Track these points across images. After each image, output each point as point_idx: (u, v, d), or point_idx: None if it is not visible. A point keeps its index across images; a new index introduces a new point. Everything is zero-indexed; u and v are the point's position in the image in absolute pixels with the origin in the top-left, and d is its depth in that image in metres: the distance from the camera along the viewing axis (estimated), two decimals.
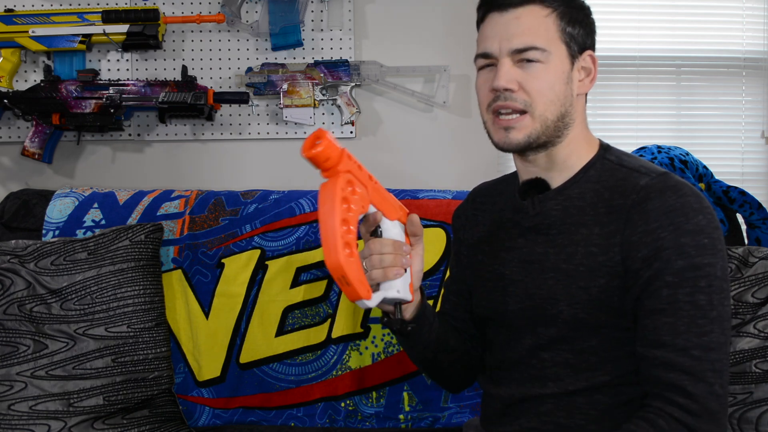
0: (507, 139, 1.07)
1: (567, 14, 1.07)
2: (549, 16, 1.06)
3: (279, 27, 1.93)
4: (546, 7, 1.06)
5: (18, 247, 1.59)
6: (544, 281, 1.08)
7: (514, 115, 1.06)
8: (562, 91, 1.06)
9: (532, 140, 1.07)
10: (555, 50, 1.05)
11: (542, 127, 1.06)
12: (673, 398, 0.95)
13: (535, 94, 1.05)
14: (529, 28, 1.04)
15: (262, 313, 1.69)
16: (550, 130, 1.07)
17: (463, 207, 1.31)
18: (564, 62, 1.07)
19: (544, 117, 1.06)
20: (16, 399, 1.49)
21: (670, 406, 0.95)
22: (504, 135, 1.07)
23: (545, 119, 1.06)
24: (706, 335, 0.96)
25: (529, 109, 1.05)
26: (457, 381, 1.29)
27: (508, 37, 1.05)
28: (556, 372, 1.08)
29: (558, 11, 1.06)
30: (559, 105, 1.06)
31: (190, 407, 1.66)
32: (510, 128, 1.06)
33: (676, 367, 0.96)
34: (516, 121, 1.06)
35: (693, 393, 0.94)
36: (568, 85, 1.07)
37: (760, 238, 1.74)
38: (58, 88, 1.87)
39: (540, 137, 1.07)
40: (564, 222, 1.08)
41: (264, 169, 2.01)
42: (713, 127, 2.18)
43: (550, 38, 1.05)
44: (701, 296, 0.97)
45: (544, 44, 1.04)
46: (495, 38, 1.07)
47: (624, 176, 1.06)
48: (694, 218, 0.99)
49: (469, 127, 1.99)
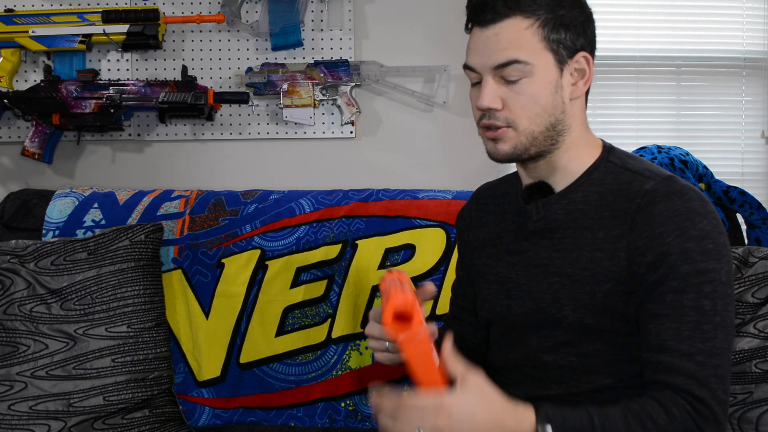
0: (495, 150, 1.08)
1: (551, 21, 1.04)
2: (530, 28, 1.03)
3: (279, 27, 1.93)
4: (527, 18, 1.03)
5: (18, 247, 1.59)
6: (548, 285, 1.08)
7: (498, 129, 1.06)
8: (550, 102, 1.05)
9: (520, 151, 1.06)
10: (539, 61, 1.03)
11: (528, 140, 1.05)
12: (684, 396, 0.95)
13: (518, 111, 1.04)
14: (510, 42, 1.03)
15: (262, 313, 1.69)
16: (539, 141, 1.06)
17: (467, 208, 1.30)
18: (551, 71, 1.04)
19: (530, 130, 1.05)
20: (16, 399, 1.49)
21: (682, 397, 0.95)
22: (493, 146, 1.08)
23: (531, 132, 1.05)
24: (710, 341, 0.96)
25: (513, 125, 1.05)
26: None
27: (489, 54, 1.04)
28: (560, 374, 1.08)
29: (541, 20, 1.03)
30: (546, 116, 1.05)
31: (190, 407, 1.66)
32: (497, 140, 1.07)
33: (681, 372, 0.95)
34: (501, 133, 1.06)
35: (699, 397, 0.94)
36: (557, 93, 1.05)
37: (760, 238, 1.74)
38: (58, 88, 1.87)
39: (528, 149, 1.06)
40: (568, 226, 1.08)
41: (264, 169, 2.00)
42: (713, 127, 2.17)
43: (533, 50, 1.03)
44: (706, 301, 0.96)
45: (527, 57, 1.02)
46: (477, 54, 1.06)
47: (628, 180, 1.06)
48: (699, 223, 0.99)
49: (469, 127, 1.96)
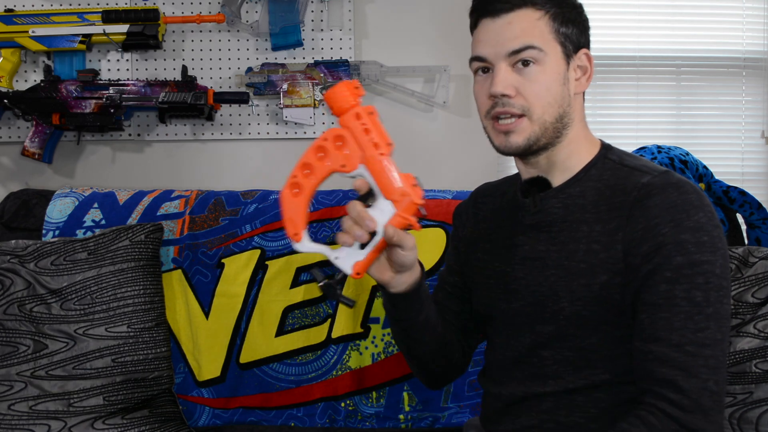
0: (507, 143, 1.08)
1: (559, 15, 1.07)
2: (541, 19, 1.06)
3: (279, 27, 1.93)
4: (537, 9, 1.06)
5: (18, 247, 1.59)
6: (545, 278, 1.09)
7: (512, 119, 1.07)
8: (559, 93, 1.07)
9: (532, 142, 1.07)
10: (550, 51, 1.06)
11: (541, 129, 1.07)
12: (665, 394, 0.96)
13: (532, 99, 1.05)
14: (523, 30, 1.05)
15: (262, 313, 1.69)
16: (549, 132, 1.08)
17: (464, 204, 1.32)
18: (560, 63, 1.07)
19: (543, 119, 1.06)
20: (16, 399, 1.49)
21: (661, 401, 0.96)
22: (504, 139, 1.08)
23: (544, 122, 1.07)
24: (701, 331, 0.96)
25: (527, 113, 1.06)
26: (437, 373, 1.29)
27: (503, 42, 1.06)
28: (556, 370, 1.08)
29: (550, 13, 1.06)
30: (557, 107, 1.07)
31: (190, 407, 1.66)
32: (510, 132, 1.07)
33: (670, 362, 0.96)
34: (515, 124, 1.07)
35: (685, 388, 0.95)
36: (565, 85, 1.08)
37: (760, 238, 1.74)
38: (58, 88, 1.87)
39: (540, 139, 1.08)
40: (565, 219, 1.09)
41: (264, 169, 2.00)
42: (713, 127, 2.18)
43: (545, 39, 1.06)
44: (698, 293, 0.97)
45: (540, 44, 1.05)
46: (488, 44, 1.07)
47: (626, 175, 1.07)
48: (694, 215, 0.99)
49: (469, 127, 1.99)
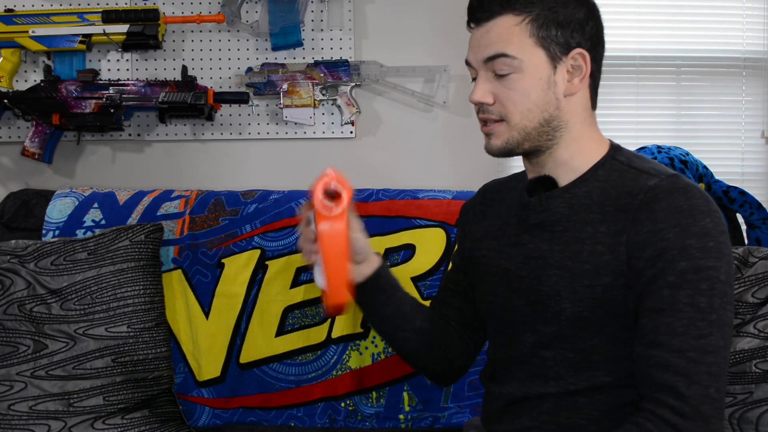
0: (489, 146, 1.12)
1: (542, 17, 1.05)
2: (520, 24, 1.06)
3: (279, 27, 1.93)
4: (517, 15, 1.06)
5: (18, 247, 1.59)
6: (548, 278, 1.08)
7: (492, 124, 1.10)
8: (542, 98, 1.07)
9: (512, 146, 1.10)
10: (529, 57, 1.06)
11: (521, 135, 1.08)
12: (665, 400, 0.95)
13: (509, 106, 1.08)
14: (499, 36, 1.06)
15: (262, 313, 1.69)
16: (533, 137, 1.08)
17: (471, 202, 1.32)
18: (542, 67, 1.06)
19: (522, 125, 1.08)
20: (16, 399, 1.49)
21: (660, 408, 0.95)
22: (487, 141, 1.12)
23: (524, 127, 1.08)
24: (704, 338, 0.95)
25: (506, 118, 1.09)
26: (437, 371, 1.30)
27: (481, 49, 1.08)
28: (557, 371, 1.08)
29: (531, 16, 1.05)
30: (539, 112, 1.07)
31: (190, 407, 1.66)
32: (490, 135, 1.11)
33: (671, 368, 0.95)
34: (493, 128, 1.10)
35: (685, 395, 0.94)
36: (550, 90, 1.07)
37: (760, 238, 1.74)
38: (58, 88, 1.87)
39: (522, 143, 1.09)
40: (570, 219, 1.08)
41: (264, 169, 2.00)
42: (713, 127, 2.18)
43: (522, 46, 1.05)
44: (702, 299, 0.96)
45: (515, 52, 1.05)
46: (471, 51, 1.11)
47: (633, 177, 1.06)
48: (701, 221, 0.99)
49: (469, 127, 1.98)
